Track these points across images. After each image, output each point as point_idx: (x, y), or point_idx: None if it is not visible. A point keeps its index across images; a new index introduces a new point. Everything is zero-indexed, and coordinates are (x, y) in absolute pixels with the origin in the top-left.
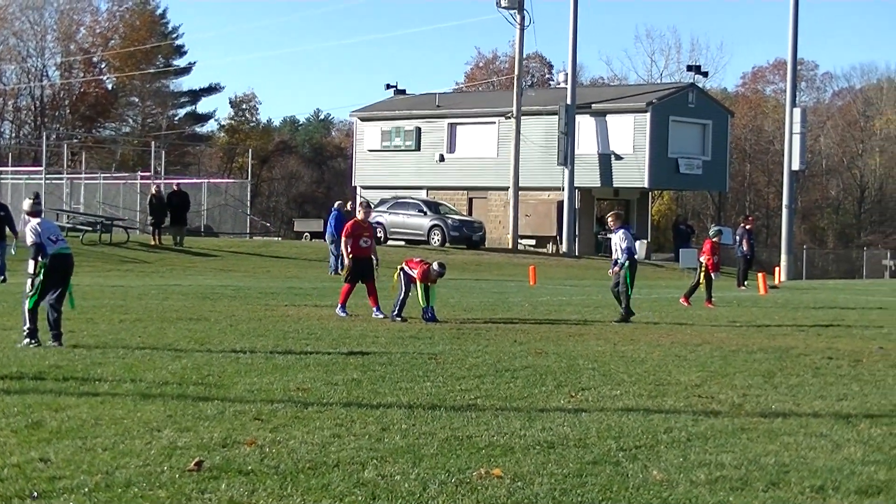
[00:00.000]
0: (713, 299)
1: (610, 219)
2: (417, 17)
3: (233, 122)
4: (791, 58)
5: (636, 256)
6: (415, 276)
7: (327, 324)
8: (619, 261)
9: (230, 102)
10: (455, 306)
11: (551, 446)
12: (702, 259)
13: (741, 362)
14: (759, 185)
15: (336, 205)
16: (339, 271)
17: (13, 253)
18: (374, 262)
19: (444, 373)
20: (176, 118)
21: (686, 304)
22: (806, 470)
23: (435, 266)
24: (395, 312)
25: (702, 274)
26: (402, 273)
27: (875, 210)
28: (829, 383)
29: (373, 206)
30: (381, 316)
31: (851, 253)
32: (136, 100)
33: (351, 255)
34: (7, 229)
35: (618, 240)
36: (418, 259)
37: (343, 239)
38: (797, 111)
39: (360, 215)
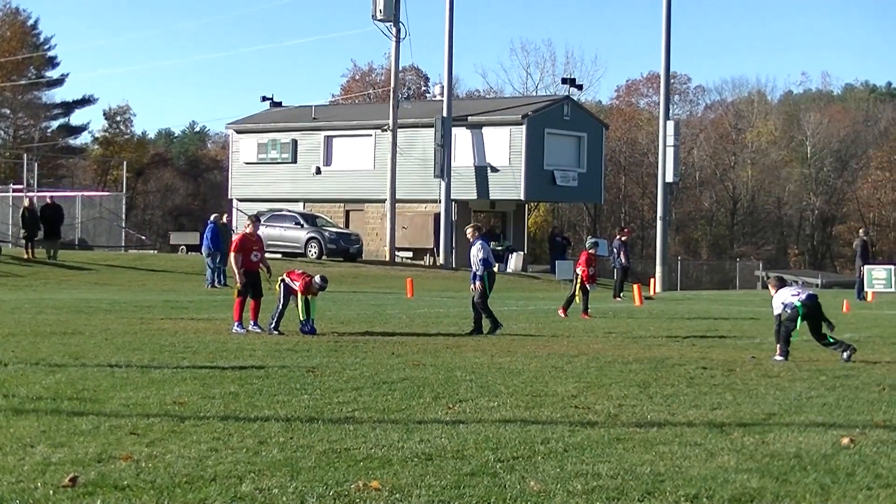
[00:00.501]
0: (589, 310)
1: (468, 231)
2: (293, 30)
3: (107, 134)
4: (664, 71)
5: (494, 267)
6: (296, 288)
7: (204, 337)
8: (477, 273)
9: (104, 114)
10: (332, 319)
11: (429, 458)
12: (577, 270)
13: (617, 373)
14: (634, 197)
15: (212, 218)
16: (216, 285)
17: None
18: (267, 274)
19: (322, 385)
20: (49, 130)
21: (563, 315)
22: (681, 479)
23: (317, 279)
24: (273, 325)
25: (577, 286)
26: (282, 284)
27: (747, 221)
28: (704, 393)
29: (262, 219)
30: (258, 330)
31: (725, 264)
32: (8, 111)
33: (242, 270)
34: None
35: (475, 251)
36: (300, 271)
37: (233, 254)
38: (670, 124)
39: (248, 229)
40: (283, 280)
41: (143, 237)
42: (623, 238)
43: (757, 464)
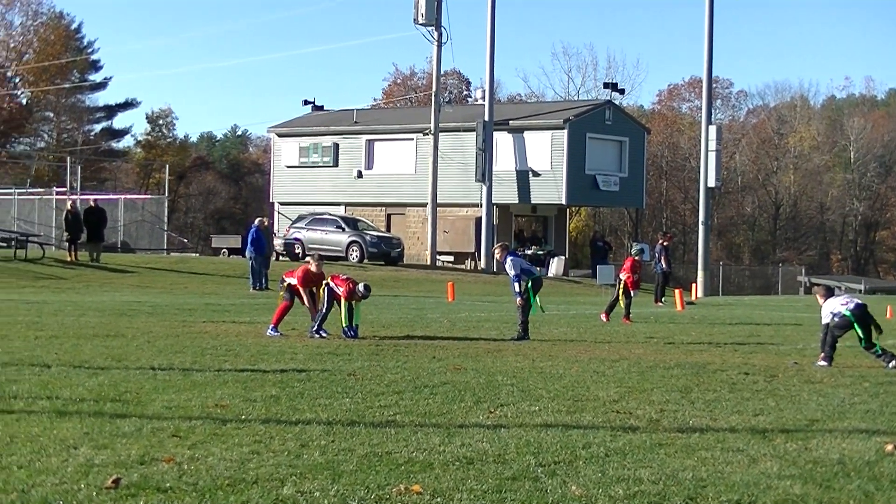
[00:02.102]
0: (631, 316)
1: (496, 252)
2: (335, 33)
3: (149, 137)
4: (706, 76)
5: (536, 272)
6: (340, 293)
7: (245, 340)
8: (518, 291)
9: (147, 118)
10: (373, 323)
11: (470, 462)
12: (622, 276)
13: (658, 378)
14: (676, 202)
15: (256, 221)
16: (258, 288)
17: None
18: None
19: (363, 389)
20: (92, 133)
21: (605, 319)
22: (723, 484)
23: (360, 288)
24: (315, 328)
25: (621, 290)
26: (327, 288)
27: (789, 227)
28: (746, 399)
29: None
30: (326, 335)
31: (767, 269)
32: (51, 114)
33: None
34: None
35: (508, 269)
36: (345, 277)
37: (301, 289)
38: (712, 128)
39: (312, 266)
40: (327, 284)
41: (185, 240)
42: (665, 243)
43: (800, 470)
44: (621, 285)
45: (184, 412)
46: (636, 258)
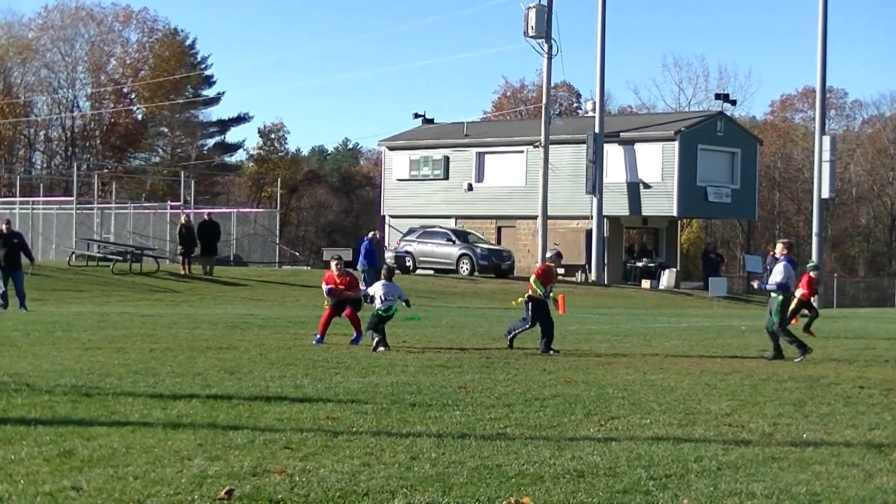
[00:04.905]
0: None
1: (779, 246)
2: (445, 47)
3: (261, 151)
4: (820, 85)
5: (790, 289)
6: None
7: (356, 352)
8: (765, 287)
9: (259, 132)
10: (484, 335)
11: (581, 475)
12: (797, 293)
13: (771, 391)
14: (789, 214)
15: (369, 235)
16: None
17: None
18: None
19: (474, 402)
20: (205, 148)
21: (810, 334)
22: (837, 499)
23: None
24: (544, 348)
25: (794, 305)
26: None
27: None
28: (861, 412)
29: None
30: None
31: (882, 281)
32: (166, 130)
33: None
34: (23, 256)
35: (775, 270)
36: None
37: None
38: (826, 139)
39: (333, 268)
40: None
41: (297, 253)
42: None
43: None
44: (796, 301)
45: (295, 424)
46: (811, 274)
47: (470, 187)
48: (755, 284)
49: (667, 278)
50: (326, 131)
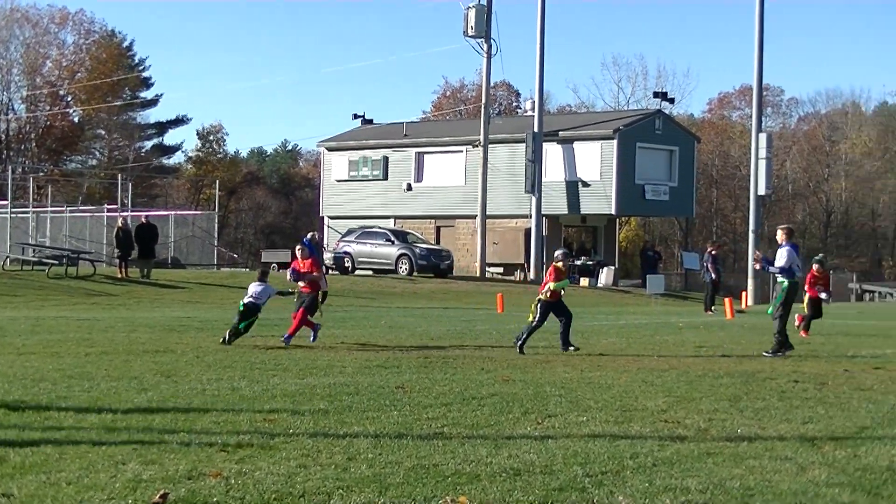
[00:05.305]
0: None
1: (778, 233)
2: (385, 47)
3: (200, 153)
4: (756, 83)
5: (796, 276)
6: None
7: (294, 354)
8: (769, 269)
9: (197, 134)
10: (422, 335)
11: (518, 473)
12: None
13: (707, 387)
14: (726, 211)
15: (308, 236)
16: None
17: None
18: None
19: (411, 401)
20: (143, 150)
21: (805, 335)
22: (771, 493)
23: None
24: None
25: (807, 305)
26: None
27: (841, 234)
28: (795, 406)
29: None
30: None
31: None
32: (103, 132)
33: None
34: None
35: (778, 255)
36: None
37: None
38: (763, 136)
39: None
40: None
41: (235, 255)
42: (714, 251)
43: (849, 478)
44: (808, 300)
45: (232, 427)
46: (814, 269)
47: (409, 187)
48: (757, 266)
49: (605, 276)
50: (265, 133)
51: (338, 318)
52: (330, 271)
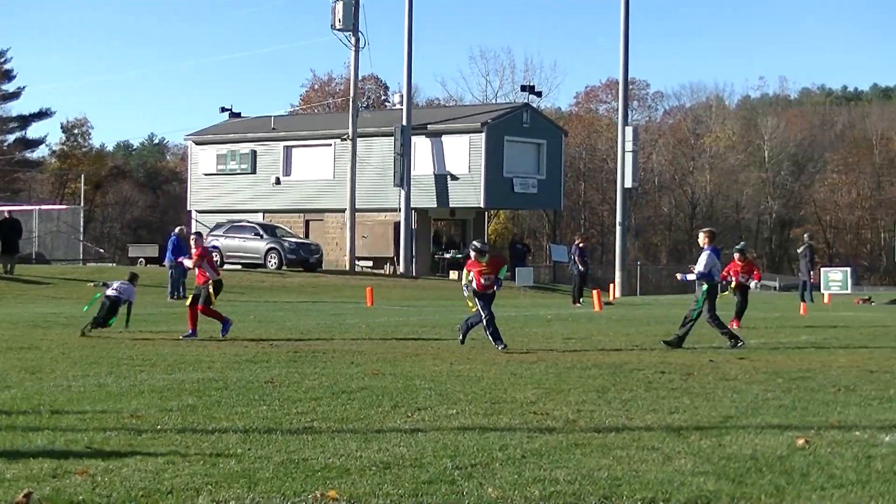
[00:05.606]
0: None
1: (701, 236)
2: (252, 40)
3: (65, 147)
4: (622, 77)
5: (714, 279)
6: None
7: (162, 349)
8: (686, 279)
9: (62, 127)
10: (292, 329)
11: (387, 467)
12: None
13: (576, 378)
14: (594, 203)
15: (176, 230)
16: (175, 297)
17: None
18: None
19: (280, 396)
20: (5, 144)
21: (736, 325)
22: (638, 483)
23: (476, 244)
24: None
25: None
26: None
27: (706, 226)
28: (661, 397)
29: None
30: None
31: (684, 269)
32: None
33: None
34: None
35: (699, 259)
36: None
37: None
38: (629, 130)
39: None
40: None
41: (102, 250)
42: (581, 244)
43: (713, 466)
44: (731, 288)
45: (98, 423)
46: (735, 258)
47: (277, 181)
48: (678, 277)
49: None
50: (132, 126)
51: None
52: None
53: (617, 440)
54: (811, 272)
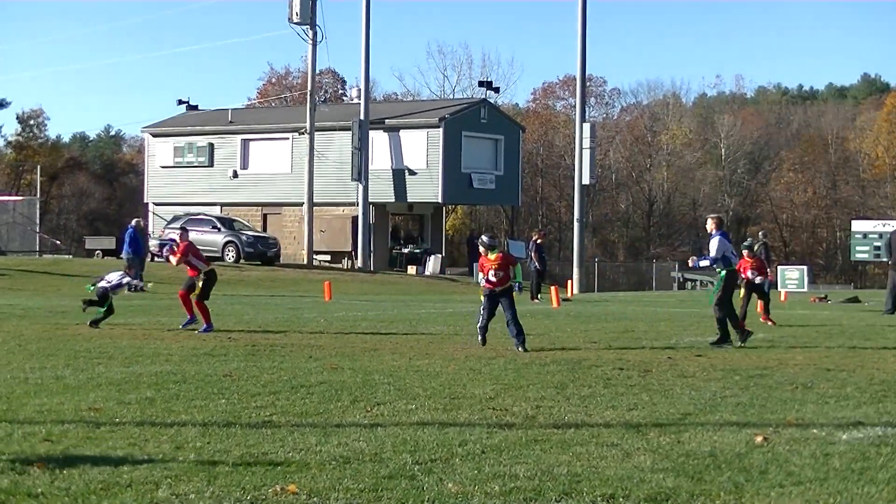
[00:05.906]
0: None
1: (709, 222)
2: (209, 32)
3: (20, 138)
4: (580, 74)
5: (733, 265)
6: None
7: (120, 342)
8: (698, 265)
9: (17, 118)
10: (250, 323)
11: (347, 461)
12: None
13: (534, 374)
14: (551, 200)
15: (133, 222)
16: (132, 290)
17: None
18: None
19: (239, 390)
20: None
21: (770, 322)
22: (597, 479)
23: (485, 238)
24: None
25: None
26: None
27: (663, 223)
28: (620, 394)
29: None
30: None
31: (641, 265)
32: None
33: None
34: None
35: (710, 246)
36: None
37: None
38: (587, 126)
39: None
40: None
41: (58, 242)
42: (539, 240)
43: (672, 463)
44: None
45: (56, 416)
46: (744, 254)
47: (235, 174)
48: (690, 262)
49: (432, 264)
50: (88, 118)
51: (164, 306)
52: (155, 258)
53: (576, 436)
54: (768, 270)
